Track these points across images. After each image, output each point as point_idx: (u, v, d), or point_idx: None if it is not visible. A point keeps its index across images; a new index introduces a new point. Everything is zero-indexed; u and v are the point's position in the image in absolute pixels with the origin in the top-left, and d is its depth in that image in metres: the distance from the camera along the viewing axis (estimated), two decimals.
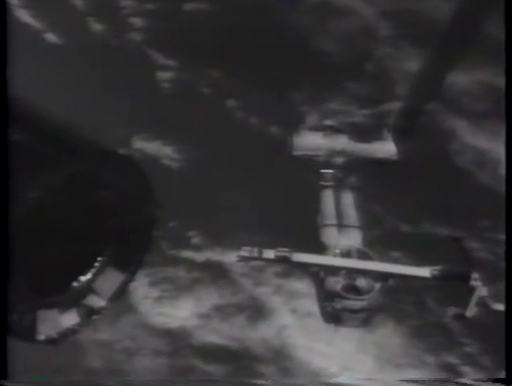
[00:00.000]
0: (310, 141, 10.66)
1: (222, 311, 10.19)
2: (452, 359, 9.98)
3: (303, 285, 10.44)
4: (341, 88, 13.29)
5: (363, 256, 9.37)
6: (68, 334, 5.73)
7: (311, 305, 10.20)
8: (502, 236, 11.49)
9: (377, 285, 9.07)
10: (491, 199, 11.76)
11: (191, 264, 10.58)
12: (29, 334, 5.47)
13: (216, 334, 9.94)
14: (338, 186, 10.31)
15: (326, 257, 9.36)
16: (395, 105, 13.16)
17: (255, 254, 9.07)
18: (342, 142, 10.55)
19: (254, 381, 9.02)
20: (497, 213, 11.54)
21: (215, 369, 9.55)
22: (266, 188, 11.19)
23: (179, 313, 10.01)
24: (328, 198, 10.19)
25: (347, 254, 9.36)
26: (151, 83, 12.94)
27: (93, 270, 5.84)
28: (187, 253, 10.71)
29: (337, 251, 9.38)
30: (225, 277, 10.55)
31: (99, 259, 5.84)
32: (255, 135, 12.46)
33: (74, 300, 5.79)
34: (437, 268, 9.25)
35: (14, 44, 5.68)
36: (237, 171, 11.40)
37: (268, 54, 13.03)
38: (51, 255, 5.43)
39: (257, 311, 10.26)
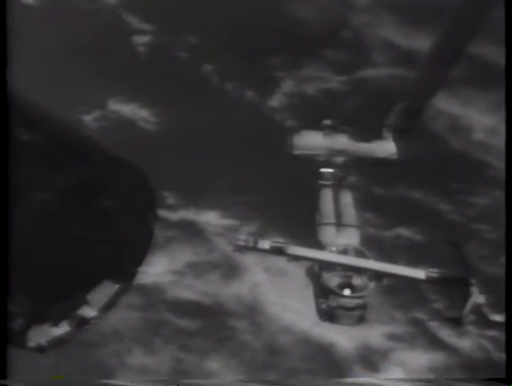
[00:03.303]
0: (310, 141, 10.62)
1: (196, 268, 10.31)
2: (420, 315, 10.21)
3: None
4: (318, 55, 13.37)
5: (359, 254, 9.39)
6: (57, 342, 5.67)
7: (284, 264, 10.35)
8: (473, 199, 11.81)
9: (372, 284, 9.09)
10: (463, 163, 11.98)
11: (165, 223, 10.66)
12: (19, 340, 5.43)
13: (190, 290, 10.06)
14: (338, 186, 10.33)
15: (321, 252, 9.36)
16: (371, 72, 13.30)
17: (250, 244, 9.13)
18: (342, 142, 10.53)
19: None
20: (468, 177, 11.80)
21: (187, 323, 9.69)
22: (241, 150, 11.28)
23: (153, 269, 10.08)
24: (327, 197, 10.22)
25: (343, 252, 9.38)
26: (127, 46, 12.93)
27: (90, 281, 5.78)
28: (162, 213, 10.76)
29: (334, 249, 9.42)
30: (200, 235, 10.66)
31: (96, 269, 5.76)
32: (231, 99, 12.53)
33: (67, 310, 5.73)
34: (433, 270, 9.16)
35: None
36: (212, 134, 11.47)
37: (245, 20, 13.07)
38: (49, 261, 5.37)
39: (230, 269, 10.38)
